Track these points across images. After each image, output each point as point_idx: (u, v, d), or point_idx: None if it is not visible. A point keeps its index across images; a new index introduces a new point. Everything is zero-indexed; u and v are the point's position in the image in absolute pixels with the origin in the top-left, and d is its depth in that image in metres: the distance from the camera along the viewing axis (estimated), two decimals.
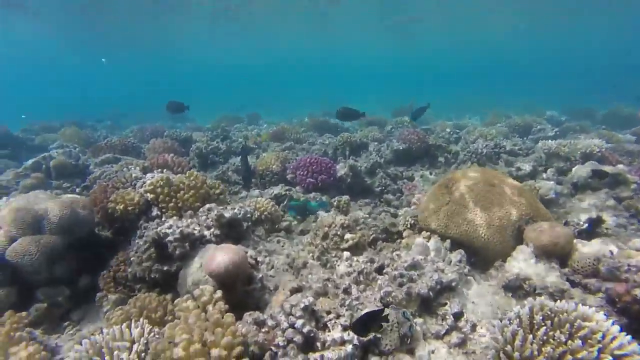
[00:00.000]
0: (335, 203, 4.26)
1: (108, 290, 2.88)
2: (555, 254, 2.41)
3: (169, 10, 16.88)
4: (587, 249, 2.41)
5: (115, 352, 1.88)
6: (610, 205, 3.83)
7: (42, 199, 3.02)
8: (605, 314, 1.83)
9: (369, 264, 2.60)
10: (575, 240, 2.54)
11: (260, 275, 2.62)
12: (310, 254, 2.71)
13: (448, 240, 2.76)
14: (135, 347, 1.94)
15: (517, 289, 2.33)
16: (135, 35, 23.23)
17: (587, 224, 3.24)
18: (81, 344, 1.98)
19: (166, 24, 19.85)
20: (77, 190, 5.08)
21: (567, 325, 1.73)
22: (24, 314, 2.42)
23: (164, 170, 4.27)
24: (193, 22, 19.27)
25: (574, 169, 4.53)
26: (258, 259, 2.92)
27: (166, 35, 23.44)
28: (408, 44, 29.58)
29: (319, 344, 1.89)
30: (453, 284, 2.28)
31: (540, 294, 2.25)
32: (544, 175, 4.71)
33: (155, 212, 3.09)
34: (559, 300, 2.07)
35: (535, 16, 19.74)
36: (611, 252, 2.31)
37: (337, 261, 2.69)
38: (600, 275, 2.27)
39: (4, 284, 2.74)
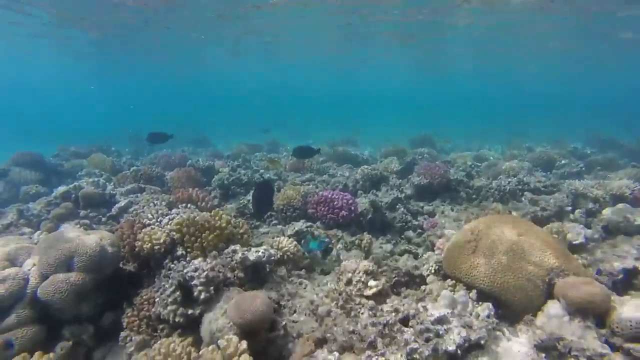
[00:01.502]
0: (356, 242, 4.23)
1: (131, 330, 2.89)
2: (590, 312, 2.31)
3: (193, 36, 17.61)
4: (627, 308, 2.30)
5: None
6: None
7: (73, 235, 3.10)
8: None
9: (393, 314, 2.54)
10: (612, 297, 2.43)
11: (284, 322, 2.60)
12: (334, 302, 2.68)
13: (474, 291, 2.69)
14: None
15: (550, 349, 2.23)
16: (157, 59, 24.19)
17: (622, 275, 3.11)
18: None
19: (190, 48, 20.64)
20: (103, 219, 5.23)
21: None
22: (51, 355, 2.45)
23: (189, 204, 4.37)
24: (217, 46, 19.93)
25: (604, 211, 4.41)
26: (281, 303, 2.91)
27: (188, 58, 24.33)
28: (433, 71, 29.78)
29: None
30: (482, 341, 2.21)
31: (576, 357, 2.15)
32: (572, 217, 4.58)
33: (180, 251, 3.14)
34: None
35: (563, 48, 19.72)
36: None
37: (360, 309, 2.65)
38: None
39: (35, 321, 2.80)
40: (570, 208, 4.78)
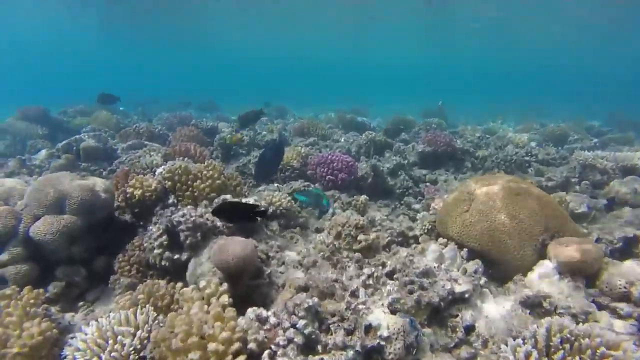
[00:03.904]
0: (352, 202, 4.18)
1: (122, 274, 2.93)
2: (581, 272, 2.24)
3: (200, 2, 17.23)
4: (618, 269, 2.22)
5: (119, 337, 1.90)
6: None
7: (66, 180, 3.11)
8: (635, 344, 1.68)
9: (380, 267, 2.51)
10: (605, 259, 2.36)
11: (269, 271, 2.59)
12: (321, 253, 2.65)
13: (465, 249, 2.64)
14: (138, 333, 1.96)
15: (536, 306, 2.18)
16: (167, 26, 23.79)
17: (621, 243, 3.02)
18: (89, 326, 2.02)
19: (198, 14, 20.22)
20: (104, 173, 5.25)
21: (589, 352, 1.59)
22: (41, 290, 2.49)
23: (185, 158, 4.33)
24: (225, 13, 19.45)
25: (612, 183, 4.25)
26: (269, 254, 2.90)
27: (198, 26, 23.87)
28: (449, 44, 28.74)
29: (319, 347, 1.84)
30: (466, 295, 2.17)
31: (561, 314, 2.10)
32: (577, 188, 4.44)
33: (171, 199, 3.13)
34: (581, 323, 1.92)
35: (585, 22, 18.63)
36: None
37: (348, 262, 2.62)
38: (633, 300, 2.09)
39: (27, 259, 2.85)
40: (576, 179, 4.63)
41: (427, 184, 5.46)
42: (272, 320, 1.92)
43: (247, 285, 2.44)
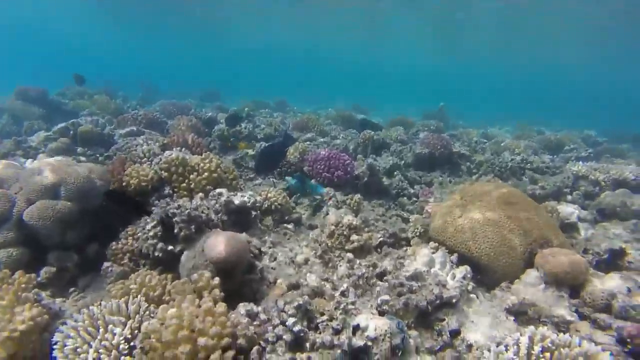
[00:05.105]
0: (347, 201, 4.21)
1: (114, 262, 2.95)
2: (566, 283, 2.29)
3: None
4: (601, 282, 2.28)
5: (110, 326, 1.92)
6: (639, 238, 3.63)
7: (62, 165, 3.11)
8: (611, 354, 1.73)
9: (370, 268, 2.55)
10: (590, 271, 2.41)
11: (261, 266, 2.62)
12: (313, 251, 2.69)
13: (455, 254, 2.68)
14: (129, 323, 1.98)
15: (520, 314, 2.23)
16: (177, 14, 23.65)
17: (607, 255, 3.07)
18: (80, 313, 2.04)
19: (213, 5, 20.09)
20: (100, 158, 5.22)
21: None
22: (32, 275, 2.50)
23: (183, 149, 4.33)
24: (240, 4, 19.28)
25: (602, 195, 4.31)
26: (262, 249, 2.93)
27: (212, 17, 23.71)
28: (456, 49, 28.78)
29: (308, 345, 1.88)
30: (454, 300, 2.21)
31: (545, 323, 2.16)
32: (569, 198, 4.50)
33: (167, 190, 3.14)
34: (563, 333, 1.98)
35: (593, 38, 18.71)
36: (628, 289, 2.18)
37: (339, 261, 2.66)
38: (613, 312, 2.15)
39: (19, 243, 2.86)
40: (569, 189, 4.69)
41: (423, 185, 5.51)
42: (262, 316, 1.95)
43: (239, 280, 2.47)
